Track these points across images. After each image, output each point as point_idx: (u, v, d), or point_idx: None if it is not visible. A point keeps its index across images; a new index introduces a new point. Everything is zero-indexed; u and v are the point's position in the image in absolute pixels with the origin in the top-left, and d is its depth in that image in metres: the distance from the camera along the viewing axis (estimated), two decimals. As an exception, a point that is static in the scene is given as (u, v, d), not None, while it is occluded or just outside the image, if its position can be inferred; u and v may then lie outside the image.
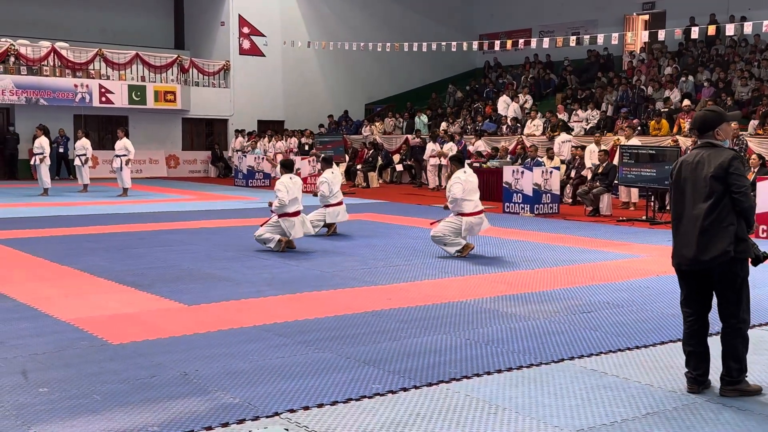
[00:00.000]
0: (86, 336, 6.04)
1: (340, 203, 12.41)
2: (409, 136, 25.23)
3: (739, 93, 20.37)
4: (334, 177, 12.36)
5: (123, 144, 19.36)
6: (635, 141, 16.91)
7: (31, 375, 5.04)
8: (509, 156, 20.62)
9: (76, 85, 25.49)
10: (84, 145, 20.46)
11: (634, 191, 16.71)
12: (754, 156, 13.96)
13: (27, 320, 6.54)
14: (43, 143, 19.06)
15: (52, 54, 25.56)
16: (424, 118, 25.99)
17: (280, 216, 10.54)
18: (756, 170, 13.28)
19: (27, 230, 12.43)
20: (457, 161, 10.51)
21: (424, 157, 22.97)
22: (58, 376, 5.03)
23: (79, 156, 20.44)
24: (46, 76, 25.30)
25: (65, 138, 25.03)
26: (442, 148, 22.14)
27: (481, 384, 4.96)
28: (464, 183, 10.08)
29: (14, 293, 7.61)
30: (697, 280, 4.80)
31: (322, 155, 15.54)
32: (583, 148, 18.41)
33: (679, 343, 5.96)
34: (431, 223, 10.67)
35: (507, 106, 24.75)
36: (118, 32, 29.08)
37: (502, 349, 5.78)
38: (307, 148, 25.16)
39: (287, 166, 11.00)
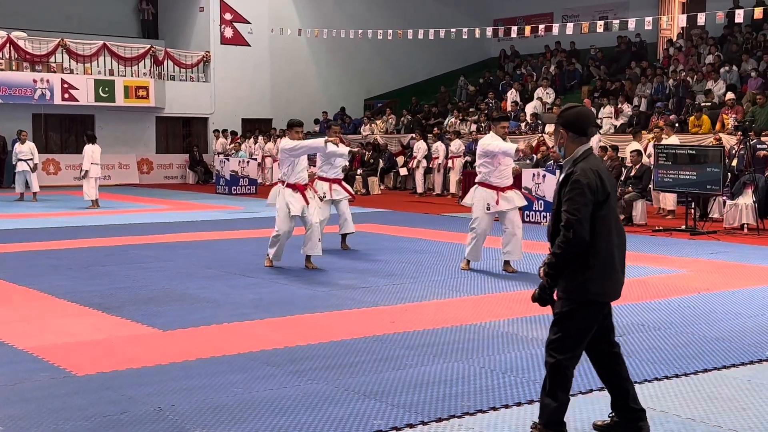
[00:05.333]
0: (47, 366, 6.03)
1: None
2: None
3: (790, 84, 20.40)
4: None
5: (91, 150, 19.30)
6: (674, 139, 16.91)
7: (-17, 412, 5.04)
8: (528, 158, 20.62)
9: (35, 80, 25.58)
10: (30, 149, 20.54)
11: (669, 197, 16.70)
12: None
13: (-21, 349, 6.54)
14: None
15: (7, 45, 25.66)
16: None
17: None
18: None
19: (-21, 246, 12.45)
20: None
21: (418, 158, 23.15)
22: (15, 412, 5.02)
23: (25, 161, 20.43)
24: (1, 70, 25.39)
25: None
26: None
27: (498, 419, 4.95)
28: None
29: (-35, 318, 7.61)
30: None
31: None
32: (615, 148, 18.40)
33: (725, 371, 5.96)
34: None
35: (515, 104, 24.87)
36: (83, 20, 29.19)
37: (523, 378, 5.77)
38: None
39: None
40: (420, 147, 23.21)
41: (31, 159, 20.46)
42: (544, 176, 15.94)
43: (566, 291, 4.47)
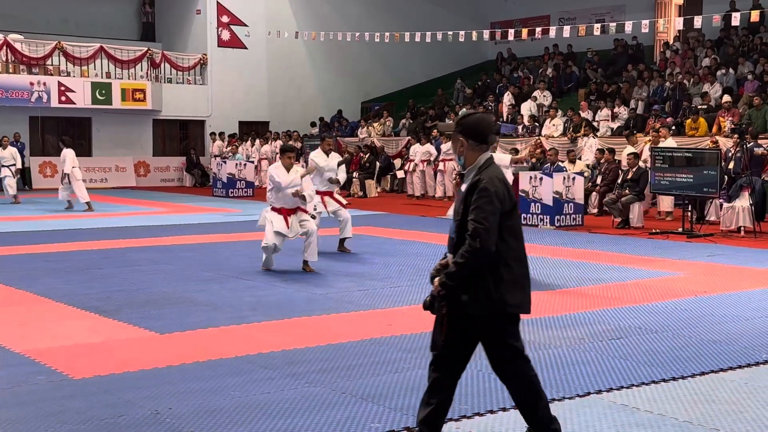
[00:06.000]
0: (44, 370, 6.02)
1: None
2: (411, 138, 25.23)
3: (787, 87, 20.42)
4: None
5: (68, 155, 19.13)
6: (670, 142, 16.94)
7: (-20, 415, 5.03)
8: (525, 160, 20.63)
9: (32, 83, 25.53)
10: (12, 154, 20.59)
11: (663, 200, 16.74)
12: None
13: (-24, 352, 6.53)
14: None
15: (4, 47, 25.63)
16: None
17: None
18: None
19: (-24, 249, 12.43)
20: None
21: (415, 161, 23.19)
22: (11, 416, 5.02)
23: (7, 166, 20.45)
24: (-2, 72, 25.38)
25: (21, 144, 24.99)
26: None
27: (495, 422, 4.95)
28: None
29: (-39, 321, 7.60)
30: None
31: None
32: (611, 151, 18.42)
33: (722, 374, 5.97)
34: None
35: (512, 106, 24.90)
36: (80, 23, 29.15)
37: (520, 381, 5.76)
38: None
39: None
40: (417, 150, 23.23)
41: (13, 164, 20.54)
42: (541, 179, 15.96)
43: (483, 308, 4.24)
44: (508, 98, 25.72)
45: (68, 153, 18.72)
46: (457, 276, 4.19)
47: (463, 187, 4.33)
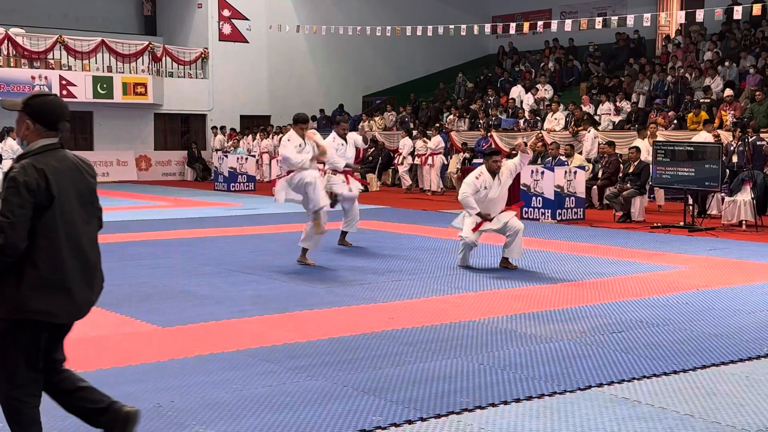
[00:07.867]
0: (46, 363, 6.03)
1: None
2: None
3: (788, 81, 20.39)
4: None
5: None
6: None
7: (-18, 408, 5.03)
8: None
9: (33, 77, 25.56)
10: (12, 146, 20.50)
11: (663, 193, 16.82)
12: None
13: (-22, 345, 6.53)
14: None
15: (5, 41, 25.64)
16: None
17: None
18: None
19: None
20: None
21: (404, 155, 23.32)
22: (14, 409, 5.01)
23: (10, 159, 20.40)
24: (-1, 66, 25.40)
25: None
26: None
27: (496, 415, 4.95)
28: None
29: (-37, 315, 7.60)
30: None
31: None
32: (611, 144, 18.39)
33: (723, 367, 5.97)
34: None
35: (521, 100, 24.90)
36: (81, 17, 29.16)
37: (521, 375, 5.77)
38: None
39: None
40: (405, 143, 23.42)
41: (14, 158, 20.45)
42: (542, 173, 15.95)
43: (1, 311, 3.85)
44: (517, 91, 25.66)
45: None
46: None
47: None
